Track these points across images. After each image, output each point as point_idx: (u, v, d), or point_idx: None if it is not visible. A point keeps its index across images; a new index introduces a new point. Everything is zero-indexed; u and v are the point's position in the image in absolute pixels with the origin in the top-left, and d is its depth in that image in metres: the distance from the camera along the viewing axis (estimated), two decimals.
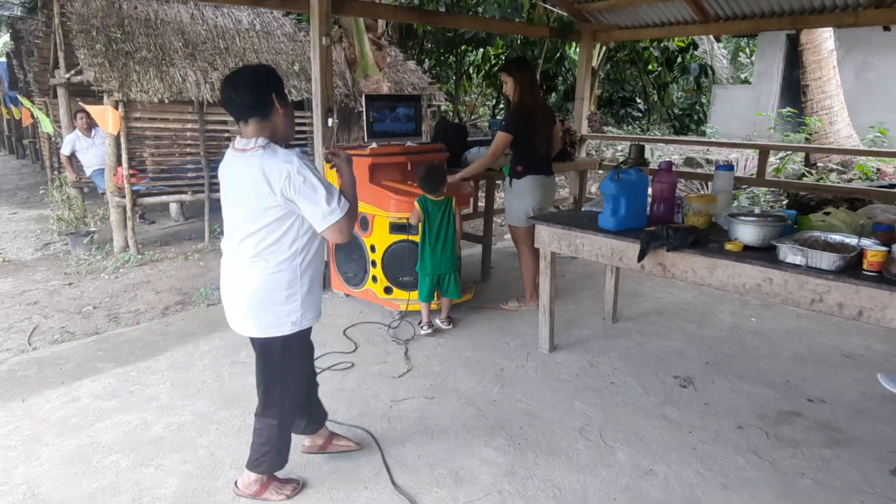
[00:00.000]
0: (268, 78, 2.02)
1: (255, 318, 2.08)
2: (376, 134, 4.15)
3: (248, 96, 1.97)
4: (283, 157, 1.94)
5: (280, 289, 2.05)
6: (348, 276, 4.30)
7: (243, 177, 1.98)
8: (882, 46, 11.81)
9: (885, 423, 2.79)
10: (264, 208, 1.95)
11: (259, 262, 2.03)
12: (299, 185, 1.91)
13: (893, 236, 2.49)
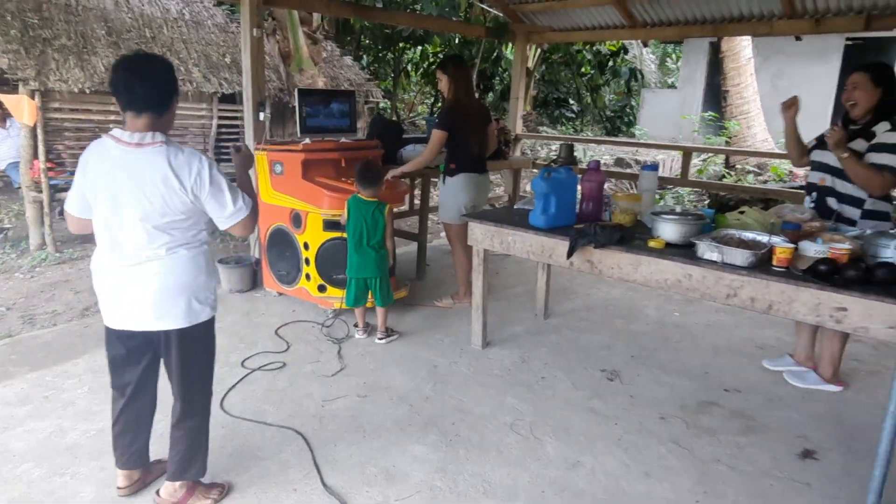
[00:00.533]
0: (172, 72, 1.98)
1: (178, 308, 2.00)
2: (309, 129, 4.07)
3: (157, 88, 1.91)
4: (190, 154, 1.94)
5: (200, 273, 2.04)
6: (281, 273, 4.21)
7: (143, 173, 1.88)
8: (795, 56, 12.60)
9: (793, 409, 2.98)
10: (173, 203, 1.91)
11: (179, 249, 1.98)
12: (207, 184, 1.93)
13: (800, 234, 2.66)
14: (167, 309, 1.99)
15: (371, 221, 3.55)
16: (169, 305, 1.99)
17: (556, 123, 16.13)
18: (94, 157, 1.94)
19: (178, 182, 1.88)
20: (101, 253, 2.01)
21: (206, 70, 6.46)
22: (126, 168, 1.89)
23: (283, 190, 4.02)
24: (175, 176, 1.88)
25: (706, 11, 5.43)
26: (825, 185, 2.99)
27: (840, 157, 2.80)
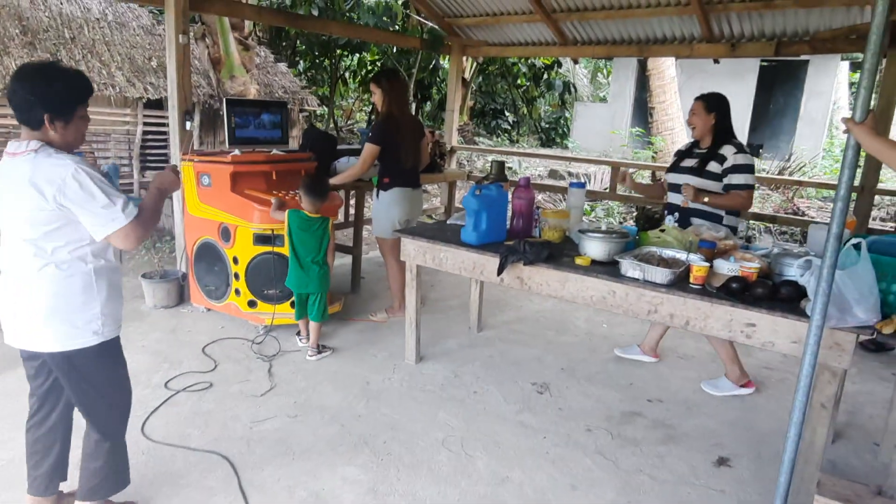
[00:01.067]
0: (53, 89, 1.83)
1: (49, 329, 1.88)
2: (239, 141, 3.97)
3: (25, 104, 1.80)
4: (57, 161, 1.79)
5: (75, 295, 1.89)
6: (209, 289, 4.07)
7: (12, 183, 1.79)
8: (716, 75, 13.27)
9: (710, 417, 3.13)
10: (37, 215, 1.79)
11: (47, 268, 1.85)
12: (73, 191, 1.78)
13: (715, 252, 2.81)
14: (39, 330, 1.88)
15: (314, 238, 3.52)
16: (40, 326, 1.88)
17: (492, 134, 16.36)
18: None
19: (39, 192, 1.76)
20: None
21: (131, 74, 6.20)
22: (3, 178, 1.82)
23: (210, 203, 3.90)
24: (35, 185, 1.76)
25: (632, 32, 5.67)
26: (687, 206, 3.34)
27: (704, 203, 3.23)
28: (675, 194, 3.43)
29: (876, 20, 1.95)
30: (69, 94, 1.83)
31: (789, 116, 14.83)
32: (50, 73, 1.82)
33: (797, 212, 7.66)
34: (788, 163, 10.06)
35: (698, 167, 3.31)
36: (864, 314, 2.13)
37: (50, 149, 1.82)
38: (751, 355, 3.94)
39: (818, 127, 13.90)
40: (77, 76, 1.88)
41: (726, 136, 3.29)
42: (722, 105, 3.29)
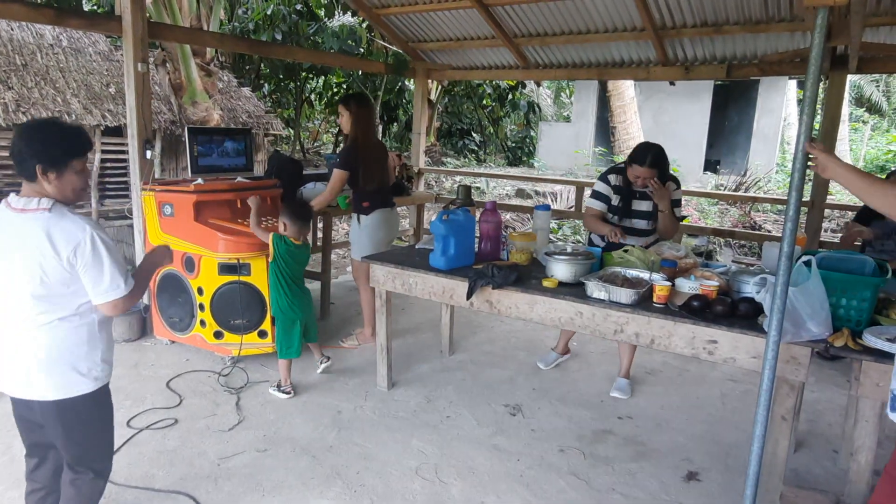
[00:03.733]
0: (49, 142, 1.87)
1: (52, 378, 1.90)
2: (202, 169, 3.94)
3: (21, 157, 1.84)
4: (73, 223, 1.84)
5: (80, 345, 1.94)
6: (173, 320, 3.99)
7: (24, 239, 1.82)
8: (673, 95, 13.72)
9: (679, 433, 3.19)
10: (50, 273, 1.83)
11: (55, 321, 1.89)
12: (85, 256, 1.84)
13: (676, 271, 2.88)
14: (39, 376, 1.89)
15: (301, 264, 3.55)
16: (43, 373, 1.89)
17: (460, 154, 16.51)
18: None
19: (54, 251, 1.81)
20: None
21: (87, 101, 6.09)
22: (9, 233, 1.85)
23: (173, 233, 3.84)
24: (51, 245, 1.80)
25: (591, 56, 5.83)
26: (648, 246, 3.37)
27: (665, 210, 3.34)
28: (633, 237, 3.39)
29: (813, 52, 2.06)
30: (62, 146, 1.86)
31: (743, 133, 15.35)
32: (46, 127, 1.89)
33: (754, 226, 7.91)
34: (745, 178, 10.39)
35: (654, 210, 3.37)
36: (817, 328, 2.21)
37: (64, 208, 1.87)
38: (715, 368, 4.04)
39: (771, 143, 14.41)
40: (74, 130, 1.93)
41: (667, 174, 3.40)
42: (667, 162, 3.37)
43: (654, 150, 3.30)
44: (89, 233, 1.84)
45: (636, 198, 3.42)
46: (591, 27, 5.36)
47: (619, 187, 3.44)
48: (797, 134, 2.11)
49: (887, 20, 4.18)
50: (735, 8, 4.59)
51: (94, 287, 1.88)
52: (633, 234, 3.43)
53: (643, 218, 3.42)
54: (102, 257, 1.86)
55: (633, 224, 3.44)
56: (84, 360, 1.95)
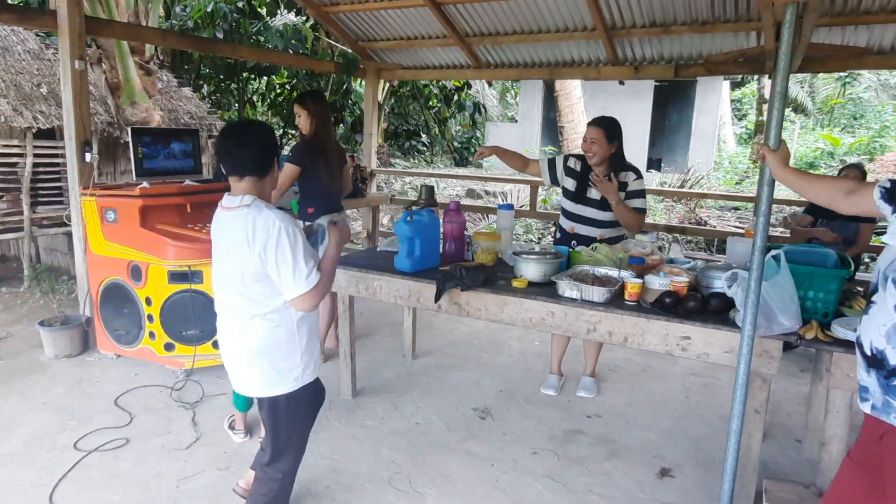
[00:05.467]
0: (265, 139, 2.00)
1: (257, 376, 2.04)
2: (147, 172, 3.72)
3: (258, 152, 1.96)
4: (267, 218, 1.91)
5: (279, 344, 2.03)
6: (119, 333, 3.75)
7: (230, 236, 1.94)
8: (617, 94, 14.03)
9: (648, 429, 3.20)
10: (248, 268, 1.93)
11: (255, 319, 1.98)
12: (274, 250, 1.89)
13: (644, 268, 2.89)
14: (247, 373, 2.05)
15: None
16: (250, 371, 2.03)
17: (407, 155, 16.40)
18: (214, 220, 2.03)
19: (249, 245, 1.89)
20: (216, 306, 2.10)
21: (17, 102, 5.66)
22: (224, 231, 1.97)
23: (117, 240, 3.61)
24: (249, 240, 1.89)
25: (542, 55, 5.85)
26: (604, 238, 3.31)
27: (613, 202, 3.20)
28: (586, 227, 3.38)
29: (783, 48, 2.09)
30: (271, 145, 2.00)
31: (683, 132, 15.90)
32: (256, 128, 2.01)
33: (700, 221, 8.16)
34: (688, 175, 10.73)
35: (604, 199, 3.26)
36: (788, 321, 2.25)
37: (261, 203, 1.94)
38: (676, 363, 4.10)
39: (708, 141, 14.97)
40: (272, 130, 2.08)
41: (623, 162, 3.30)
42: (620, 131, 3.27)
43: (607, 117, 3.29)
44: (278, 227, 1.88)
45: (593, 185, 3.31)
46: (543, 27, 5.38)
47: (575, 171, 3.40)
48: (765, 130, 2.14)
49: (826, 21, 4.36)
50: (683, 9, 4.69)
51: (282, 282, 1.92)
52: (587, 223, 3.38)
53: (597, 207, 3.32)
54: (288, 251, 1.89)
55: (587, 213, 3.36)
56: (284, 360, 2.02)
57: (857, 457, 1.52)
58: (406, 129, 16.94)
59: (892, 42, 4.61)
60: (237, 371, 2.08)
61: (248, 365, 2.02)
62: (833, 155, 14.03)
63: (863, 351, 1.44)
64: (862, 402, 1.46)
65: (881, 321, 1.38)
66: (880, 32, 4.54)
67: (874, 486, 1.44)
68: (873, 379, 1.41)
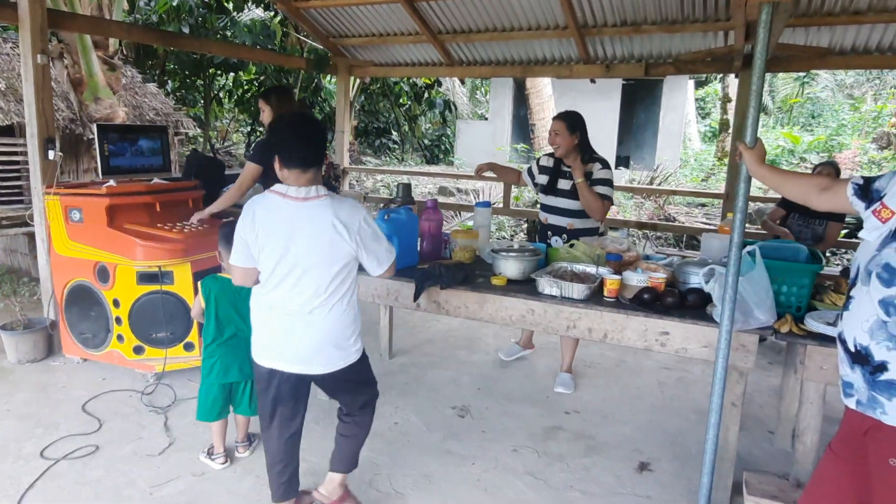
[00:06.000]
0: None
1: (329, 356, 2.14)
2: (113, 170, 3.60)
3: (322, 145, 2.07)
4: (352, 205, 2.09)
5: (348, 326, 2.17)
6: (85, 336, 3.63)
7: (313, 226, 2.01)
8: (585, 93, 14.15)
9: (625, 424, 3.24)
10: (335, 255, 2.04)
11: (329, 304, 2.09)
12: (368, 233, 2.10)
13: (621, 264, 2.92)
14: (320, 355, 2.13)
15: (241, 308, 2.65)
16: (323, 352, 2.13)
17: (378, 153, 16.30)
18: (261, 210, 2.04)
19: (339, 233, 2.00)
20: (269, 297, 2.09)
21: None
22: (296, 221, 2.01)
23: (83, 240, 3.49)
24: (340, 227, 2.00)
25: (515, 53, 5.87)
26: (574, 228, 3.48)
27: (577, 181, 3.34)
28: (557, 216, 3.54)
29: (759, 46, 2.12)
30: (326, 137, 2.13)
31: (650, 130, 16.14)
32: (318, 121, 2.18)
33: (669, 218, 8.29)
34: (656, 173, 10.90)
35: (574, 189, 3.38)
36: (763, 316, 2.29)
37: (335, 194, 2.09)
38: (650, 358, 4.16)
39: (675, 139, 15.23)
40: None
41: (590, 153, 3.44)
42: (581, 123, 3.42)
43: (569, 111, 3.50)
44: (362, 212, 2.09)
45: (563, 177, 3.51)
46: (516, 24, 5.39)
47: (548, 167, 3.60)
48: (743, 127, 2.18)
49: (791, 22, 4.46)
50: (653, 8, 4.75)
51: (375, 259, 2.14)
52: (558, 213, 3.54)
53: (566, 197, 3.47)
54: (376, 230, 2.14)
55: (558, 203, 3.52)
56: (351, 337, 2.18)
57: (839, 450, 1.55)
58: (376, 127, 16.83)
59: (852, 43, 4.75)
60: (315, 353, 2.13)
61: (323, 346, 2.12)
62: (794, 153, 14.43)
63: (846, 347, 1.47)
64: (846, 398, 1.49)
65: (863, 317, 1.41)
66: (842, 34, 4.66)
67: (858, 478, 1.47)
68: (858, 375, 1.44)
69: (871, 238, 1.45)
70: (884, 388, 1.38)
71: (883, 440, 1.38)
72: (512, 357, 4.06)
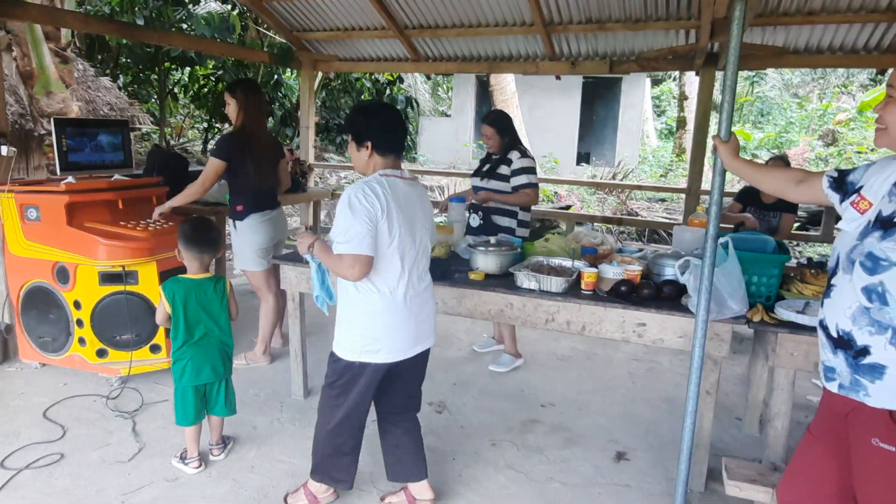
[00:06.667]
0: None
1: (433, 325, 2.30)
2: (72, 166, 3.45)
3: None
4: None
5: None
6: (44, 340, 3.48)
7: (425, 204, 2.22)
8: (547, 90, 14.34)
9: (600, 415, 3.29)
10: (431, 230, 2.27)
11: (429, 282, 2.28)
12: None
13: (597, 257, 2.96)
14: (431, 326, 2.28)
15: (209, 307, 2.61)
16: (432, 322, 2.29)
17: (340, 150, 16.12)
18: (383, 191, 2.02)
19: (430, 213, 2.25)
20: (391, 285, 2.08)
21: None
22: (415, 200, 2.15)
23: (40, 240, 3.34)
24: (428, 207, 2.25)
25: (481, 49, 5.88)
26: (488, 206, 3.75)
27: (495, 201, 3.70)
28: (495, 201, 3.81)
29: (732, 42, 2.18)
30: None
31: (609, 127, 16.45)
32: None
33: (631, 212, 8.47)
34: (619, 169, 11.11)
35: (489, 172, 3.74)
36: (736, 305, 2.36)
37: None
38: (619, 350, 4.24)
39: (634, 136, 15.57)
40: None
41: (513, 144, 3.72)
42: (507, 122, 3.77)
43: (493, 112, 3.86)
44: None
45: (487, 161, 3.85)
46: (483, 20, 5.39)
47: (487, 155, 3.90)
48: (719, 121, 2.23)
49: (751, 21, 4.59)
50: (618, 6, 4.82)
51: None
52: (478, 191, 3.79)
53: (501, 180, 3.68)
54: None
55: (494, 185, 3.71)
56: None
57: (818, 433, 1.61)
58: (338, 124, 16.64)
59: (806, 42, 4.92)
60: (430, 323, 2.26)
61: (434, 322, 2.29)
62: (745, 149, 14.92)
63: (828, 333, 1.52)
64: (828, 382, 1.54)
65: (846, 304, 1.46)
66: (796, 33, 4.83)
67: (837, 460, 1.53)
68: (840, 359, 1.49)
69: (849, 228, 1.50)
70: (866, 371, 1.43)
71: (865, 421, 1.44)
72: (486, 350, 4.11)
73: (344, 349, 2.18)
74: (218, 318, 2.64)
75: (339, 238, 1.99)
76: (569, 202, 9.09)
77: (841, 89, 19.66)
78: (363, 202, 1.97)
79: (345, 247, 1.97)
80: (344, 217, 1.98)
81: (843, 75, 19.36)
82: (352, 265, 1.97)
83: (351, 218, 1.96)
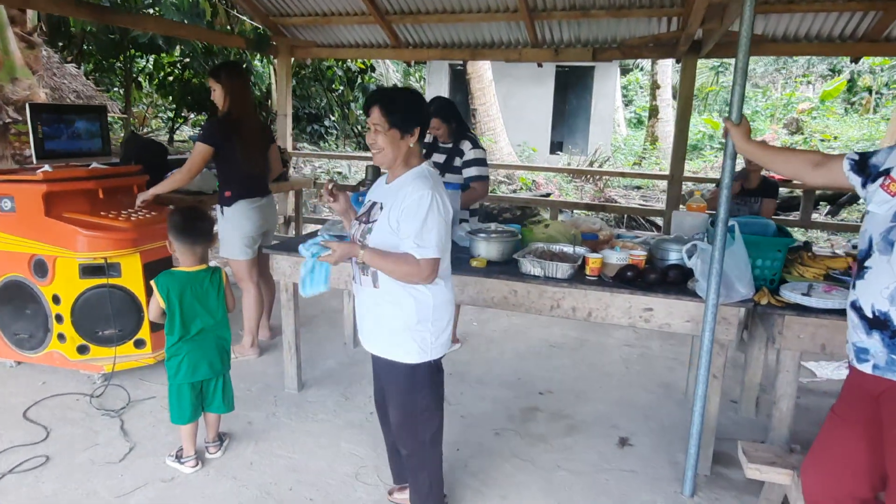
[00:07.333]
0: None
1: None
2: (49, 154, 3.28)
3: None
4: None
5: None
6: (20, 337, 3.32)
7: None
8: (521, 79, 14.32)
9: (600, 402, 3.29)
10: None
11: None
12: None
13: (598, 243, 2.94)
14: None
15: (205, 300, 2.51)
16: None
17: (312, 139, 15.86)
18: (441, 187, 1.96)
19: None
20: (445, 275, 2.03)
21: None
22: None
23: (15, 231, 3.17)
24: None
25: (463, 36, 5.81)
26: None
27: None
28: None
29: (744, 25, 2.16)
30: None
31: (582, 116, 16.53)
32: None
33: (609, 200, 8.52)
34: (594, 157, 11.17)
35: (445, 163, 3.58)
36: (744, 289, 2.36)
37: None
38: (610, 336, 4.25)
39: (606, 125, 15.68)
40: None
41: (463, 132, 3.60)
42: (453, 110, 3.60)
43: (436, 101, 3.57)
44: None
45: (437, 152, 3.65)
46: (465, 6, 5.31)
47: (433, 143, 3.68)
48: (730, 105, 2.21)
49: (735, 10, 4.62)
50: None
51: None
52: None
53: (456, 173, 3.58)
54: None
55: (449, 178, 3.58)
56: None
57: (845, 413, 1.61)
58: (307, 113, 16.36)
59: (784, 30, 4.99)
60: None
61: None
62: (713, 138, 15.19)
63: (862, 314, 1.52)
64: (860, 364, 1.54)
65: (883, 284, 1.46)
66: (776, 21, 4.88)
67: (867, 441, 1.53)
68: (876, 340, 1.49)
69: (881, 211, 1.50)
70: None
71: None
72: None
73: (414, 353, 2.01)
74: (215, 311, 2.53)
75: (423, 242, 1.86)
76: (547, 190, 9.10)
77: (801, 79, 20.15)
78: (445, 204, 1.90)
79: (427, 251, 1.86)
80: (423, 220, 1.85)
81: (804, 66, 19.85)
82: (433, 270, 1.90)
83: (433, 220, 1.86)
